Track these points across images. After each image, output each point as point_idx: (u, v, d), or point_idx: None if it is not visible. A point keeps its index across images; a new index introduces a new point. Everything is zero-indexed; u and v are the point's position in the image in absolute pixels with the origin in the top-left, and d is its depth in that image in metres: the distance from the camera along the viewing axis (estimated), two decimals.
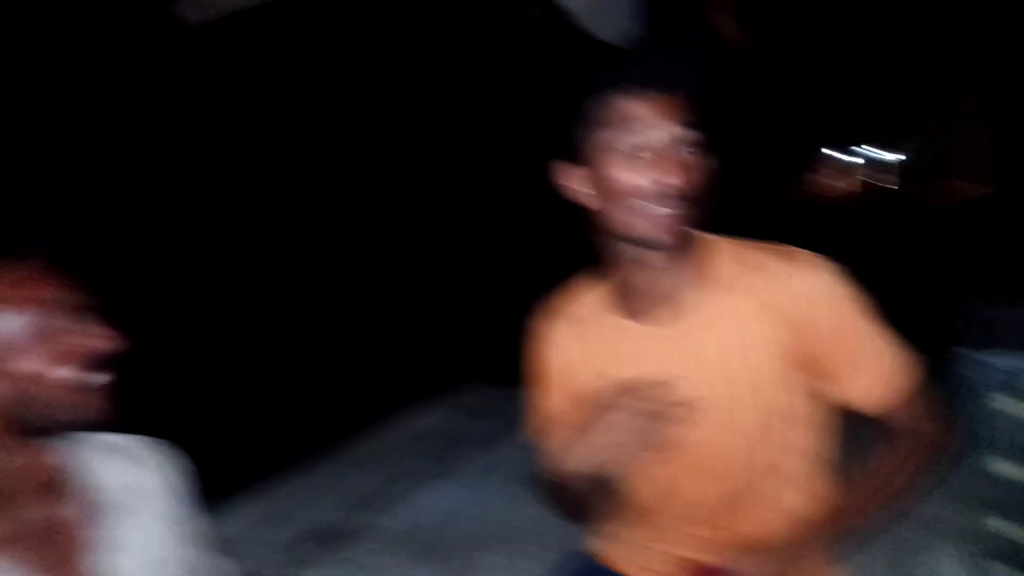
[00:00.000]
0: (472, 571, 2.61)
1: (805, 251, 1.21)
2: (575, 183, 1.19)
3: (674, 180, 1.09)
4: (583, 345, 1.30)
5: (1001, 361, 1.49)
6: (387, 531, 2.99)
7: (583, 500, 1.26)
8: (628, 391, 1.09)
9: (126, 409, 1.03)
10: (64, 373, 0.94)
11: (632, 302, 1.24)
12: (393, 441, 4.14)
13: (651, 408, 1.08)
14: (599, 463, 1.12)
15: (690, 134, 1.11)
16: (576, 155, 1.17)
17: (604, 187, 1.15)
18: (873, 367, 1.18)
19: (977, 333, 2.17)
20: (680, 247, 1.16)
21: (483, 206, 5.18)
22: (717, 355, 1.19)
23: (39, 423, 0.95)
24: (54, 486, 0.99)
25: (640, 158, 1.11)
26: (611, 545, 1.42)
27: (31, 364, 0.92)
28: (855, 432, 1.35)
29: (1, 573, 0.91)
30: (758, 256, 1.21)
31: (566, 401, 1.33)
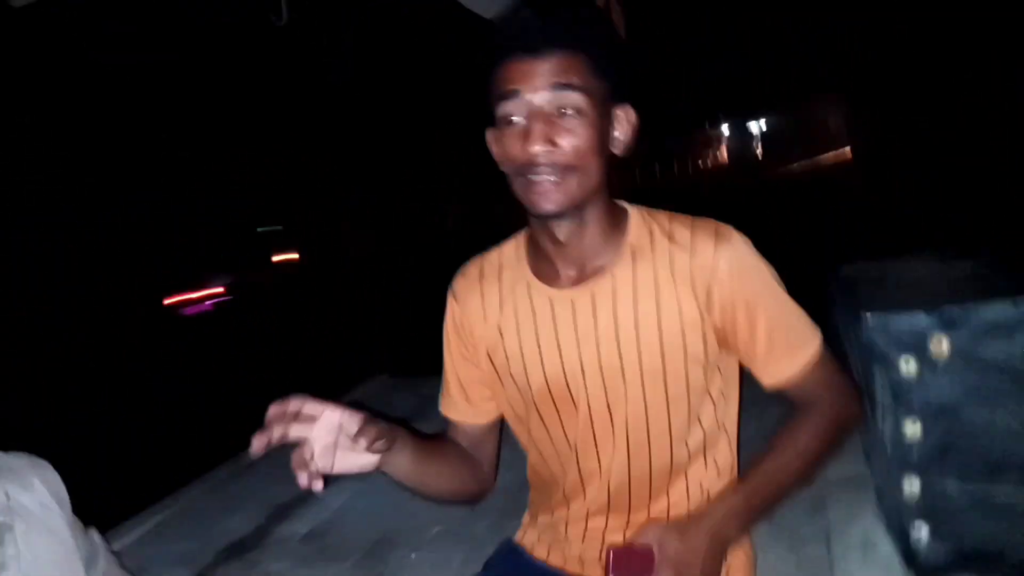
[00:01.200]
0: (380, 568, 2.54)
1: (718, 222, 1.20)
2: (492, 145, 1.18)
3: (536, 148, 1.06)
4: (484, 300, 1.28)
5: (906, 322, 1.53)
6: (291, 536, 2.85)
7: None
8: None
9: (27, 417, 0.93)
10: None
11: (541, 263, 1.23)
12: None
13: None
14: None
15: (567, 96, 1.06)
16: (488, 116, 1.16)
17: (498, 152, 1.15)
18: (783, 341, 1.18)
19: (843, 294, 2.28)
20: (577, 216, 1.13)
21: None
22: (627, 322, 1.17)
23: None
24: None
25: (513, 124, 1.09)
26: (535, 535, 1.40)
27: None
28: (756, 403, 1.37)
29: None
30: (672, 225, 1.19)
31: (460, 357, 1.34)
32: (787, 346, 1.18)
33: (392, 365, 5.11)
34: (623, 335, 1.17)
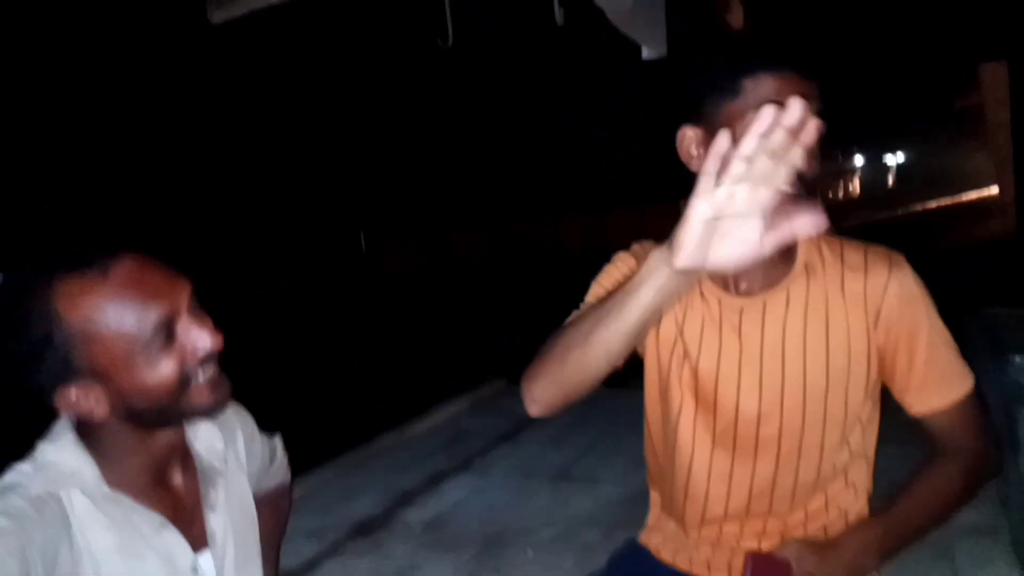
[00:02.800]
0: (496, 563, 2.65)
1: (887, 248, 1.22)
2: (690, 144, 1.19)
3: (803, 167, 1.09)
4: None
5: None
6: (413, 523, 3.02)
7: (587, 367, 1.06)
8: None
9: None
10: (167, 378, 0.96)
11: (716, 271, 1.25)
12: (418, 437, 4.20)
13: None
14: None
15: (819, 122, 1.12)
16: (698, 118, 1.17)
17: (702, 156, 1.15)
18: (939, 372, 1.19)
19: (986, 336, 2.21)
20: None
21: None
22: (795, 337, 1.20)
23: (153, 420, 1.00)
24: (179, 454, 1.08)
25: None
26: (661, 539, 1.42)
27: (134, 374, 0.95)
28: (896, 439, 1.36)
29: (145, 519, 1.00)
30: (843, 248, 1.22)
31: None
32: (941, 379, 1.19)
33: (509, 371, 5.25)
34: (789, 349, 1.19)
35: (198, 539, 1.06)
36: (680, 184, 1.19)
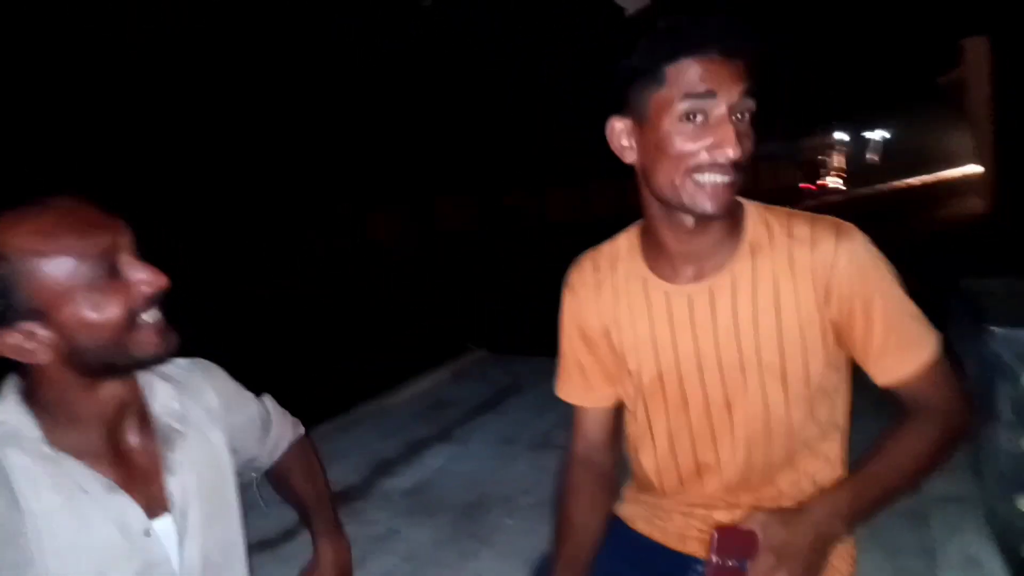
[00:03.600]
0: (475, 529, 2.66)
1: (836, 218, 1.19)
2: (620, 136, 1.17)
3: (730, 151, 1.07)
4: (599, 292, 1.30)
5: None
6: (393, 491, 3.02)
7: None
8: None
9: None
10: (112, 315, 0.94)
11: (659, 257, 1.24)
12: (398, 406, 4.19)
13: None
14: None
15: (748, 102, 1.08)
16: (625, 107, 1.14)
17: (654, 146, 1.12)
18: (900, 339, 1.17)
19: (965, 308, 2.21)
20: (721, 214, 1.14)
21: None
22: (746, 318, 1.18)
23: (98, 365, 0.97)
24: (134, 414, 1.06)
25: (696, 123, 1.08)
26: (637, 509, 1.43)
27: (77, 309, 0.93)
28: (864, 405, 1.35)
29: (92, 482, 0.98)
30: (790, 221, 1.19)
31: (579, 345, 1.34)
32: (903, 345, 1.16)
33: (489, 341, 5.26)
34: (742, 331, 1.18)
35: (157, 502, 1.04)
36: None
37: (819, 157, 48.81)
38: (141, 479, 1.03)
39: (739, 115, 1.08)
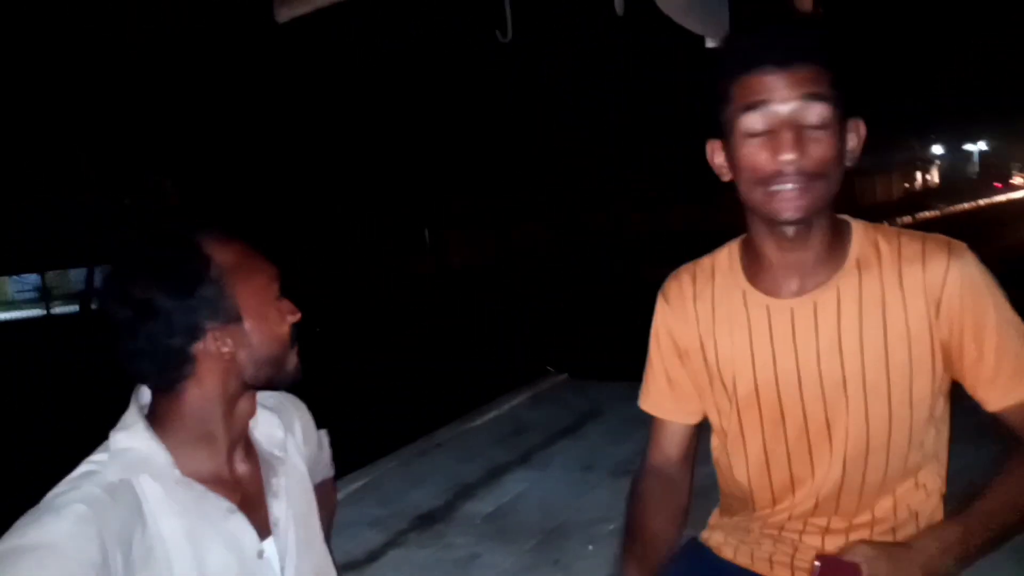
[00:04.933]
0: (557, 555, 2.65)
1: (946, 237, 1.17)
2: (716, 156, 1.21)
3: (788, 156, 1.07)
4: (696, 304, 1.30)
5: None
6: (473, 515, 3.06)
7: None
8: None
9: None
10: (284, 331, 1.08)
11: (760, 271, 1.24)
12: (478, 429, 4.23)
13: None
14: None
15: (814, 107, 1.08)
16: (717, 129, 1.18)
17: (734, 163, 1.15)
18: (1013, 362, 1.13)
19: None
20: (809, 224, 1.14)
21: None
22: (851, 334, 1.16)
23: (263, 376, 1.08)
24: (243, 440, 1.13)
25: (760, 134, 1.10)
26: (723, 535, 1.40)
27: (263, 321, 1.05)
28: (963, 432, 1.30)
29: (215, 506, 1.04)
30: (900, 239, 1.18)
31: (670, 357, 1.35)
32: (1015, 371, 1.13)
33: (570, 364, 5.25)
34: (847, 348, 1.15)
35: (262, 526, 1.09)
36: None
37: (916, 171, 47.05)
38: (251, 503, 1.09)
39: (806, 121, 1.08)
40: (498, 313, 11.50)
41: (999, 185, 45.14)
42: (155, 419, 1.05)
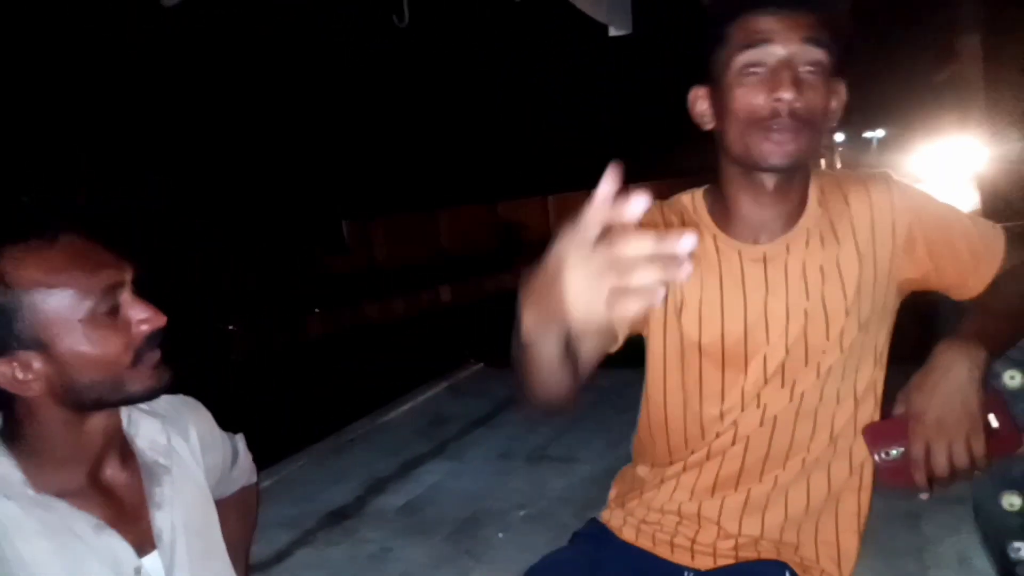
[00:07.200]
0: (469, 544, 2.65)
1: (873, 170, 1.23)
2: (699, 104, 1.20)
3: (786, 95, 1.07)
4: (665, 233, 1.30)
5: None
6: (387, 509, 3.02)
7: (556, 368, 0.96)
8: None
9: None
10: (110, 351, 0.95)
11: (729, 217, 1.24)
12: (395, 422, 4.18)
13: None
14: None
15: (812, 51, 1.09)
16: (705, 76, 1.17)
17: (722, 105, 1.14)
18: (980, 243, 1.20)
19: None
20: (789, 177, 1.16)
21: None
22: (815, 278, 1.19)
23: (90, 400, 0.97)
24: (116, 449, 1.05)
25: (756, 74, 1.10)
26: (623, 516, 1.40)
27: (76, 344, 0.93)
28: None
29: (80, 522, 0.97)
30: (842, 183, 1.23)
31: None
32: (987, 247, 1.19)
33: (488, 356, 5.24)
34: (812, 291, 1.18)
35: (145, 539, 1.03)
36: (650, 165, 1.19)
37: (819, 158, 48.73)
38: (128, 516, 1.03)
39: (803, 65, 1.09)
40: (415, 304, 11.42)
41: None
42: (7, 437, 0.98)
